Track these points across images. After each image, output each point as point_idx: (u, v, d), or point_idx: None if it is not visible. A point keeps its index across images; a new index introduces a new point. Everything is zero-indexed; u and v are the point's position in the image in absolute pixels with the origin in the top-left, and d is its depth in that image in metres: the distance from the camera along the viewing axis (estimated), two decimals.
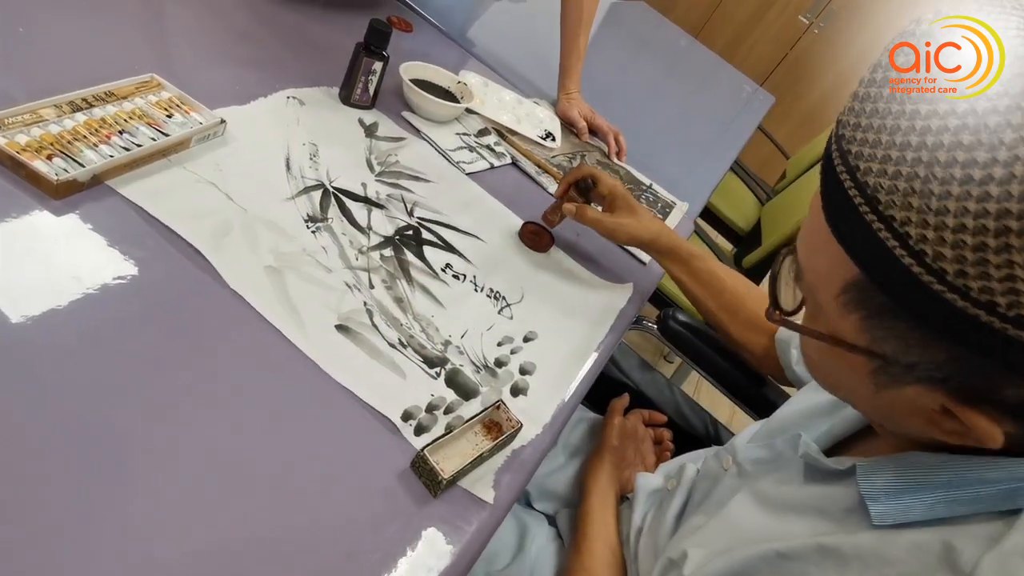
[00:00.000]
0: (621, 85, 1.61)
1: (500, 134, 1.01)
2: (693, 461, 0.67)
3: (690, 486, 0.64)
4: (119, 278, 0.50)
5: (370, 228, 0.70)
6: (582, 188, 0.82)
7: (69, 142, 0.56)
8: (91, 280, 0.49)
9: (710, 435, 0.96)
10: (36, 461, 0.39)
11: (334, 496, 0.47)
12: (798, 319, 0.46)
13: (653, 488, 0.69)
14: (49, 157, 0.54)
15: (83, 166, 0.54)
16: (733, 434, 0.99)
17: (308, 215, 0.66)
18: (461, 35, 1.28)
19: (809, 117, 3.37)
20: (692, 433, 0.94)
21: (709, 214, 1.97)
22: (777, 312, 0.45)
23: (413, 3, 1.24)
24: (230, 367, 0.50)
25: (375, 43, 0.82)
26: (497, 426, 0.57)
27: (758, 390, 0.87)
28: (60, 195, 0.53)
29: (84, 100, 0.61)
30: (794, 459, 0.52)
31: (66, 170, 0.53)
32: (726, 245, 2.08)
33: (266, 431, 0.48)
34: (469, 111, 1.01)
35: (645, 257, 0.94)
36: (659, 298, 1.45)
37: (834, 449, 0.53)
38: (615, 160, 1.16)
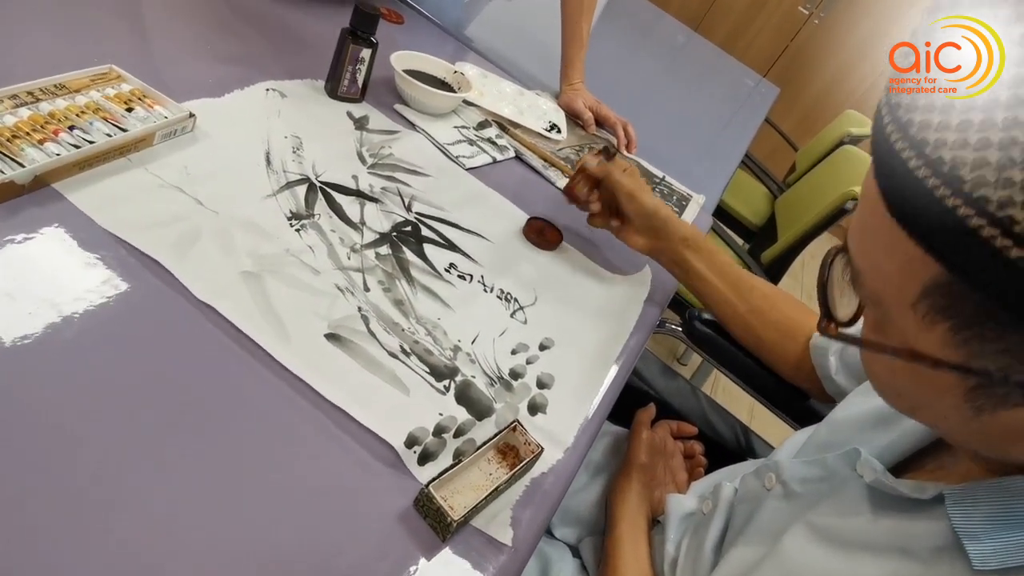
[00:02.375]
0: (621, 79, 1.54)
1: (502, 127, 0.93)
2: (729, 479, 0.59)
3: (728, 509, 0.55)
4: (65, 293, 0.43)
5: (363, 224, 0.62)
6: (609, 153, 0.75)
7: (9, 139, 0.48)
8: (30, 297, 0.42)
9: (741, 445, 0.88)
10: None
11: (323, 544, 0.39)
12: (856, 330, 0.39)
13: (686, 511, 0.61)
14: None
15: (23, 166, 0.47)
16: (765, 442, 0.91)
17: (291, 212, 0.59)
18: (455, 28, 1.21)
19: (813, 108, 3.30)
20: (722, 444, 0.86)
21: (718, 209, 1.89)
22: (832, 324, 0.38)
23: None
24: (199, 395, 0.42)
25: (362, 28, 0.74)
26: (514, 451, 0.49)
27: (799, 397, 0.79)
28: None
29: (30, 93, 0.54)
30: (852, 479, 0.44)
31: (2, 171, 0.46)
32: (738, 241, 2.00)
33: (240, 471, 0.40)
34: (467, 103, 0.93)
35: None
36: (678, 302, 1.37)
37: (900, 467, 0.45)
38: (625, 152, 1.08)
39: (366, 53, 0.76)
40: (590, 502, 0.71)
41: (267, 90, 0.72)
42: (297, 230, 0.57)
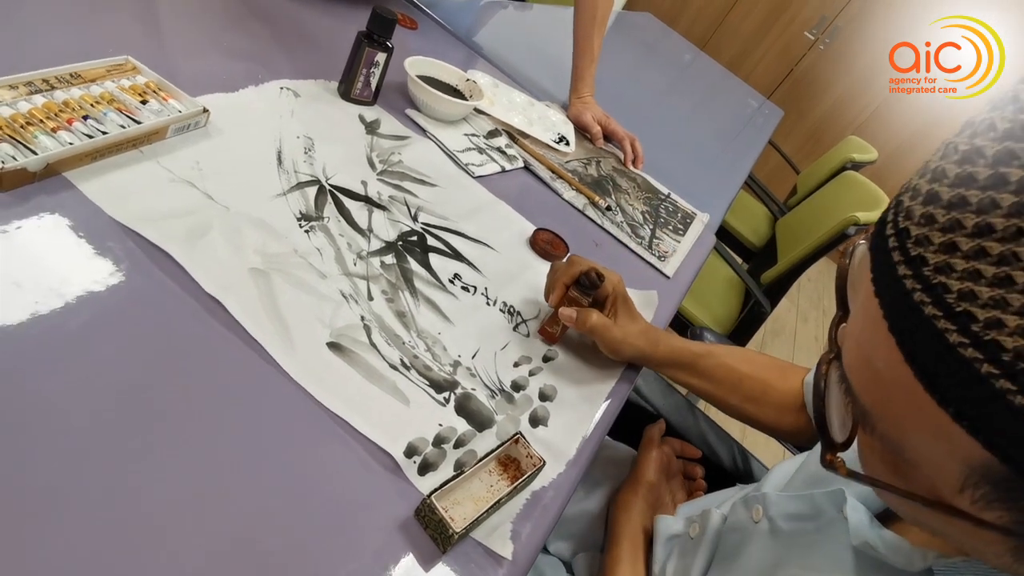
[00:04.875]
0: (628, 93, 1.55)
1: (511, 137, 0.94)
2: (718, 505, 0.58)
3: (716, 537, 0.55)
4: (72, 284, 0.42)
5: (371, 231, 0.62)
6: (586, 285, 0.61)
7: (22, 126, 0.48)
8: (37, 286, 0.41)
9: (738, 468, 0.88)
10: None
11: (322, 555, 0.38)
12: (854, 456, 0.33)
13: (672, 533, 0.60)
14: None
15: (36, 153, 0.46)
16: (763, 464, 0.91)
17: (301, 212, 0.58)
18: (468, 36, 1.21)
19: (816, 132, 3.33)
20: (719, 465, 0.86)
21: (719, 228, 1.90)
22: (839, 458, 0.30)
23: (419, 1, 1.18)
24: (200, 391, 0.42)
25: (379, 32, 0.74)
26: (515, 463, 0.48)
27: None
28: (6, 186, 0.45)
29: (45, 81, 0.53)
30: (838, 521, 0.44)
31: (14, 157, 0.45)
32: (738, 260, 2.01)
33: (238, 474, 0.39)
34: (478, 112, 0.94)
35: (670, 270, 0.86)
36: (679, 321, 1.37)
37: (888, 512, 0.45)
38: (631, 168, 1.08)
39: (381, 57, 0.76)
40: (585, 517, 0.70)
41: (281, 88, 0.72)
42: (306, 231, 0.57)
